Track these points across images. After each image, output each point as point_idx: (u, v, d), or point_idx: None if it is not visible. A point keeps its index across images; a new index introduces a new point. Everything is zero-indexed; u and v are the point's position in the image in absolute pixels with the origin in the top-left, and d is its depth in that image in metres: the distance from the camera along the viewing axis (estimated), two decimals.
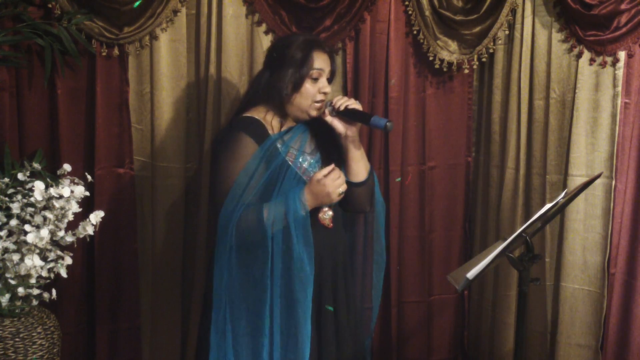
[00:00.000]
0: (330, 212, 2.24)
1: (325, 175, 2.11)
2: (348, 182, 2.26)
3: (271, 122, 2.22)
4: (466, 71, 3.01)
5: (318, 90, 2.21)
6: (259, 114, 2.23)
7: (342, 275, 2.31)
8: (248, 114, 2.23)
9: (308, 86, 2.20)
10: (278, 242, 2.08)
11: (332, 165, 2.15)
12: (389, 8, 2.91)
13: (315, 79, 2.21)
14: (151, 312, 2.89)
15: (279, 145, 2.19)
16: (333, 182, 2.12)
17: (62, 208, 2.34)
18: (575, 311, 2.96)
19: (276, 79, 2.20)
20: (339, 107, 2.20)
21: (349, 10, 2.83)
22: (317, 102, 2.22)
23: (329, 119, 2.22)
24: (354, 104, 2.21)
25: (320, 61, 2.21)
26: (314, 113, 2.23)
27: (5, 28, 2.49)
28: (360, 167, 2.28)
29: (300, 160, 2.22)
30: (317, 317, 2.19)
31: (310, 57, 2.19)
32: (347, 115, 2.21)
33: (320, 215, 2.22)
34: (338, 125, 2.22)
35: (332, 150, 2.29)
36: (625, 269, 2.92)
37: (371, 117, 2.18)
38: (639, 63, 2.82)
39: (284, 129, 2.24)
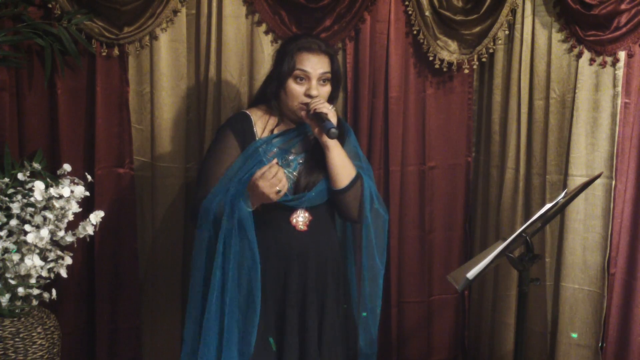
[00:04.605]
0: (305, 215, 2.22)
1: (262, 175, 2.05)
2: (333, 190, 2.23)
3: (267, 120, 2.26)
4: (466, 71, 3.01)
5: (305, 91, 2.21)
6: (257, 111, 2.30)
7: (322, 280, 2.25)
8: (247, 110, 2.31)
9: (293, 86, 2.20)
10: (227, 235, 2.09)
11: (272, 163, 2.08)
12: (389, 8, 2.90)
13: (301, 79, 2.20)
14: (151, 312, 2.89)
15: (261, 149, 2.19)
16: (265, 182, 2.03)
17: (62, 208, 2.34)
18: (575, 311, 2.95)
19: (269, 78, 2.29)
20: (312, 109, 2.17)
21: (349, 10, 2.83)
22: (303, 103, 2.21)
23: (308, 121, 2.21)
24: (323, 108, 2.15)
25: (305, 62, 2.20)
26: (300, 114, 2.23)
27: (5, 28, 2.49)
28: (337, 173, 2.20)
29: (280, 159, 2.20)
30: (289, 321, 2.20)
31: (293, 57, 2.19)
32: (315, 119, 2.17)
33: (293, 217, 2.21)
34: (314, 128, 2.19)
35: (317, 154, 2.25)
36: (625, 269, 2.92)
37: (325, 121, 2.13)
38: (639, 63, 2.82)
39: (278, 128, 2.26)
